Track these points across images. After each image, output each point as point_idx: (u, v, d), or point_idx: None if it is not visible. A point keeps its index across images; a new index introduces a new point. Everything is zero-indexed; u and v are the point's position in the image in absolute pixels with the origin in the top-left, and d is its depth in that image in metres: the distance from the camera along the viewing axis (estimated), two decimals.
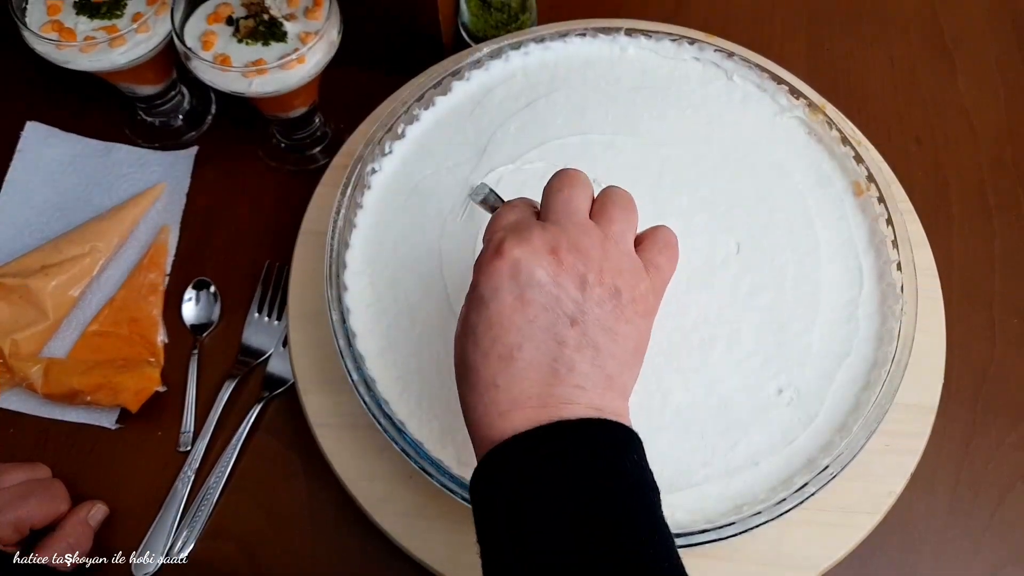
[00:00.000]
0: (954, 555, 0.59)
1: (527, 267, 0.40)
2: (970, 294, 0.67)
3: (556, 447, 0.38)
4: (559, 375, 0.39)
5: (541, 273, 0.40)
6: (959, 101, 0.76)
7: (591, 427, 0.39)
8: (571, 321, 0.40)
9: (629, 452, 0.39)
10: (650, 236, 0.46)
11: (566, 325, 0.40)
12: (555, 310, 0.40)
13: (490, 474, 0.39)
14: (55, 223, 0.69)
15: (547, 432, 0.38)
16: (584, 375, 0.40)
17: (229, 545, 0.58)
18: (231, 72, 0.59)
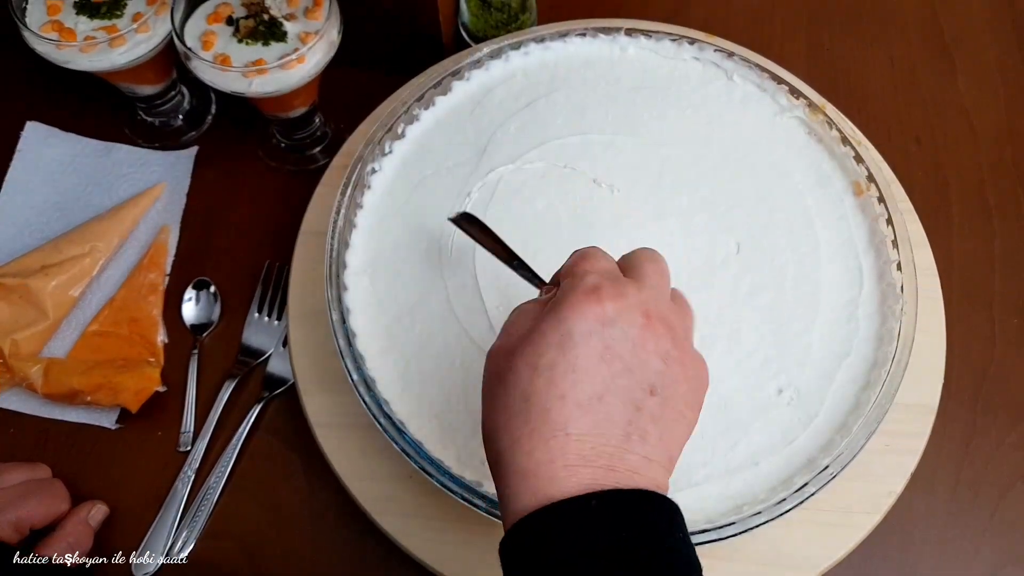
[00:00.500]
0: (954, 555, 0.59)
1: (623, 320, 0.39)
2: (970, 294, 0.67)
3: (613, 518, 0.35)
4: (631, 440, 0.37)
5: (634, 332, 0.39)
6: (959, 101, 0.76)
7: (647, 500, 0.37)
8: (651, 390, 0.38)
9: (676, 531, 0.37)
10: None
11: (646, 392, 0.38)
12: (639, 373, 0.38)
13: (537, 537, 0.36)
14: (55, 223, 0.69)
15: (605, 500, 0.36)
16: (653, 448, 0.38)
17: (229, 545, 0.58)
18: (231, 72, 0.59)
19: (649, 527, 0.36)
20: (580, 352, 0.38)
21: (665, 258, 0.45)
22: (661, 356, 0.39)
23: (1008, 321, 0.66)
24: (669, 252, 0.60)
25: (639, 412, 0.38)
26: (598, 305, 0.39)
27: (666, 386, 0.39)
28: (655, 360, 0.39)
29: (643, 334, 0.39)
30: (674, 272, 0.59)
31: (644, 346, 0.39)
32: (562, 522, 0.36)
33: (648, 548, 0.35)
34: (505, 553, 0.37)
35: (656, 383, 0.39)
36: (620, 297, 0.39)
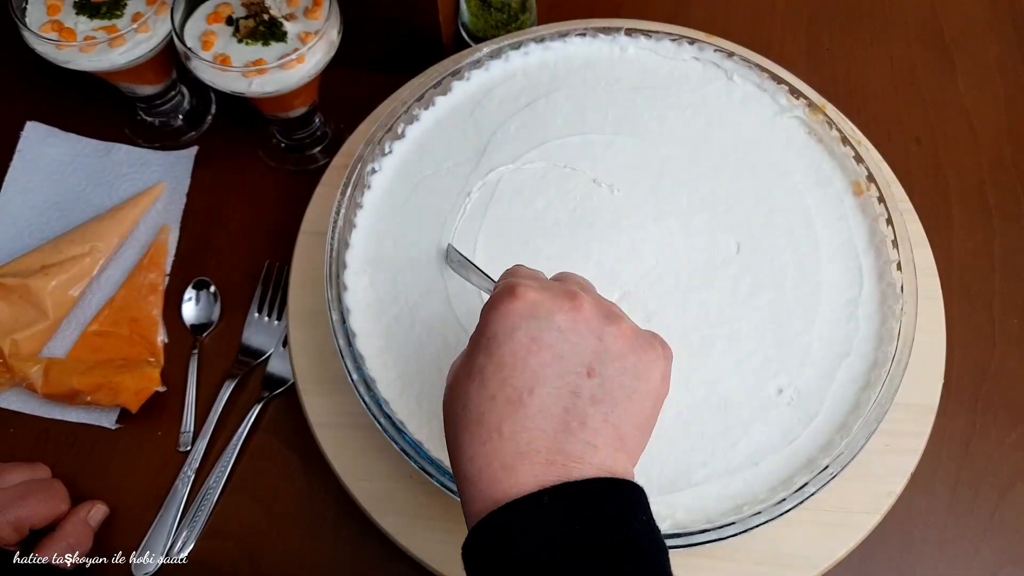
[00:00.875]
0: (954, 555, 0.59)
1: (545, 309, 0.38)
2: (970, 294, 0.67)
3: (565, 512, 0.35)
4: (570, 428, 0.37)
5: (560, 317, 0.38)
6: (959, 101, 0.76)
7: (601, 488, 0.36)
8: (587, 372, 0.38)
9: (639, 513, 0.36)
10: None
11: (582, 375, 0.38)
12: (572, 358, 0.38)
13: (493, 540, 0.35)
14: (55, 223, 0.69)
15: (556, 495, 0.35)
16: (596, 431, 0.37)
17: (229, 545, 0.58)
18: (231, 72, 0.59)
19: (604, 517, 0.35)
20: (505, 350, 0.38)
21: (666, 257, 0.45)
22: (596, 335, 0.39)
23: (1008, 321, 0.66)
24: (669, 252, 0.60)
25: (576, 397, 0.37)
26: (516, 300, 0.39)
27: (605, 363, 0.38)
28: (590, 340, 0.38)
29: (571, 317, 0.39)
30: (674, 272, 0.60)
31: (575, 329, 0.38)
32: (511, 523, 0.35)
33: (605, 539, 0.34)
34: (465, 560, 0.37)
35: (593, 363, 0.38)
36: (541, 289, 0.40)
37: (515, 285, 0.40)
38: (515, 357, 0.38)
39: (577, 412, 0.37)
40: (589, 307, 0.39)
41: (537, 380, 0.37)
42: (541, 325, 0.38)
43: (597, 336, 0.39)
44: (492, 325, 0.39)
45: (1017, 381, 0.64)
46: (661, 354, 0.41)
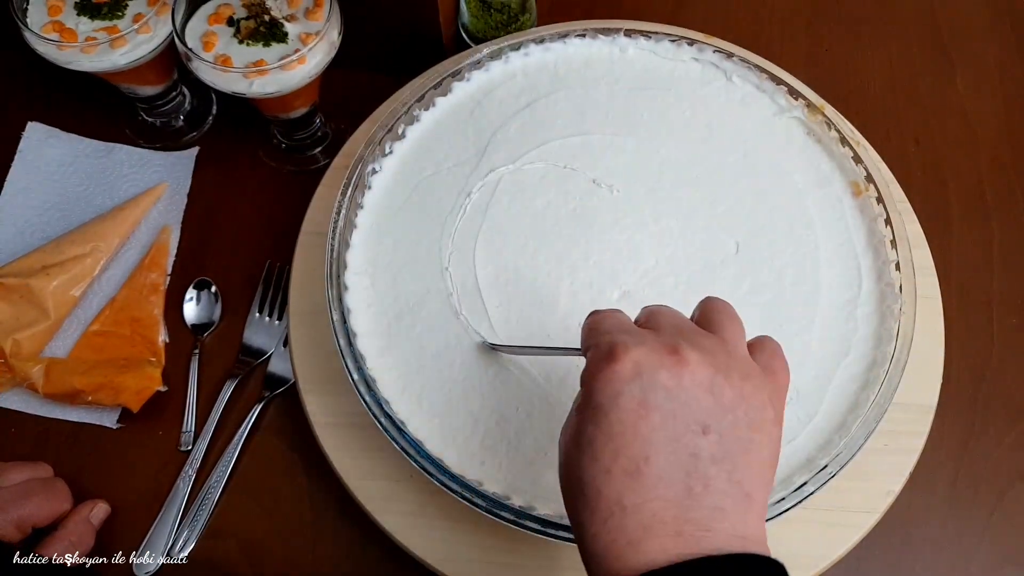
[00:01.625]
0: (953, 554, 0.59)
1: (649, 368, 0.36)
2: (969, 293, 0.67)
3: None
4: (694, 494, 0.34)
5: (665, 375, 0.36)
6: (958, 102, 0.77)
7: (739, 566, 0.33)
8: (703, 429, 0.35)
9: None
10: (758, 344, 0.41)
11: (697, 434, 0.35)
12: (684, 417, 0.35)
13: None
14: (56, 223, 0.69)
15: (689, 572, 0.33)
16: (722, 493, 0.35)
17: (230, 544, 0.59)
18: (232, 73, 0.59)
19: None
20: (613, 419, 0.36)
21: (665, 257, 0.43)
22: (705, 388, 0.36)
23: (1007, 320, 0.66)
24: (669, 252, 0.61)
25: (695, 458, 0.35)
26: (616, 363, 0.36)
27: (720, 418, 0.36)
28: (699, 395, 0.36)
29: (676, 372, 0.36)
30: (673, 272, 0.60)
31: (681, 386, 0.36)
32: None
33: None
34: None
35: (707, 420, 0.36)
36: (639, 344, 0.37)
37: (613, 346, 0.37)
38: (624, 425, 0.35)
39: (699, 475, 0.35)
40: (694, 360, 0.36)
41: (651, 447, 0.35)
42: (646, 386, 0.36)
43: (706, 390, 0.36)
44: (596, 394, 0.37)
45: (1016, 381, 0.64)
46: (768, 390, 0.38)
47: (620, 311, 0.42)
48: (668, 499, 0.34)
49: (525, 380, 0.56)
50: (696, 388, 0.36)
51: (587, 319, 0.42)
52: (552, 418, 0.55)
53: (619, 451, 0.35)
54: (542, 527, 0.50)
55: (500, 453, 0.54)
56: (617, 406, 0.36)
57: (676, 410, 0.36)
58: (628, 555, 0.34)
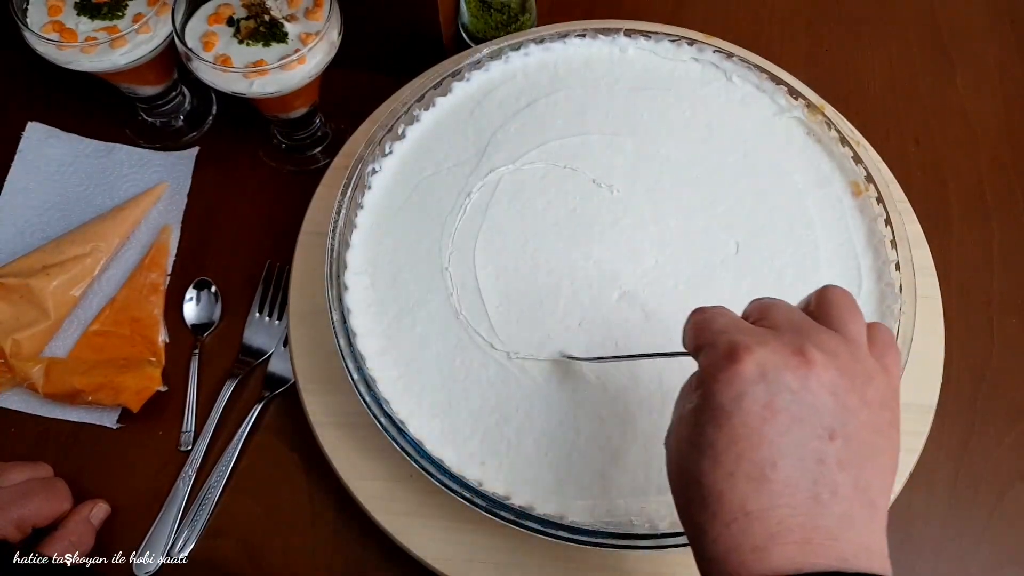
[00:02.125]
0: (953, 554, 0.59)
1: (773, 369, 0.34)
2: (968, 293, 0.67)
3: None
4: (821, 501, 0.33)
5: (790, 377, 0.34)
6: (958, 102, 0.77)
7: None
8: (829, 434, 0.34)
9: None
10: (871, 335, 0.40)
11: (824, 439, 0.34)
12: (811, 421, 0.34)
13: None
14: (56, 223, 0.69)
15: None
16: (849, 500, 0.34)
17: (230, 544, 0.59)
18: (232, 73, 0.59)
19: None
20: (736, 421, 0.34)
21: (665, 257, 0.43)
22: (830, 391, 0.35)
23: (1006, 320, 0.66)
24: (668, 252, 0.61)
25: (822, 464, 0.34)
26: (739, 364, 0.35)
27: (846, 422, 0.35)
28: (825, 398, 0.35)
29: (801, 375, 0.35)
30: (673, 272, 0.60)
31: (807, 388, 0.35)
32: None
33: None
34: None
35: (833, 424, 0.34)
36: (761, 344, 0.35)
37: (734, 345, 0.36)
38: (748, 428, 0.34)
39: (826, 482, 0.34)
40: (820, 361, 0.35)
41: (778, 451, 0.34)
42: (771, 389, 0.34)
43: (831, 393, 0.35)
44: (717, 395, 0.35)
45: (1015, 380, 0.64)
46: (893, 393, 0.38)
47: (727, 309, 0.40)
48: (795, 506, 0.33)
49: (525, 380, 0.56)
50: (822, 391, 0.35)
51: (692, 317, 0.40)
52: (552, 418, 0.55)
53: (743, 455, 0.34)
54: (542, 527, 0.50)
55: (500, 453, 0.54)
56: (741, 408, 0.34)
57: (802, 414, 0.34)
58: (752, 562, 0.33)
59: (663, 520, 0.52)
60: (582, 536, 0.50)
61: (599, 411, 0.55)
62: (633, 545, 0.50)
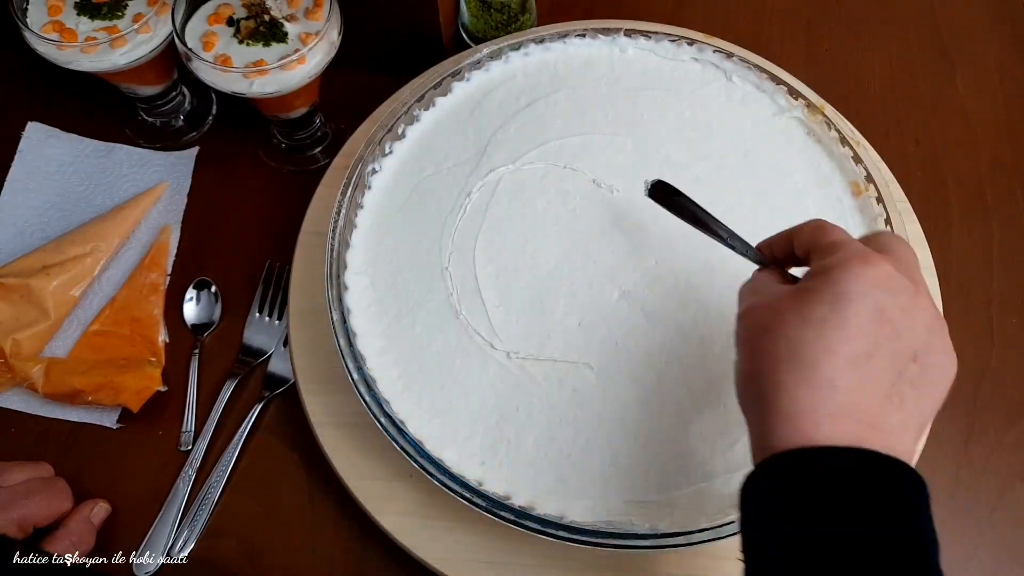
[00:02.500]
0: (953, 554, 0.59)
1: (896, 286, 0.39)
2: (968, 294, 0.67)
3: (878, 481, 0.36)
4: (892, 403, 0.38)
5: (905, 298, 0.39)
6: (958, 102, 0.77)
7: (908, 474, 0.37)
8: (914, 357, 0.39)
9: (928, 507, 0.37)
10: None
11: (909, 358, 0.39)
12: (907, 338, 0.39)
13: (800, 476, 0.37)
14: (56, 223, 0.69)
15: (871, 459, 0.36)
16: (909, 414, 0.39)
17: (230, 544, 0.59)
18: (232, 73, 0.59)
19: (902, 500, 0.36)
20: (852, 311, 0.38)
21: (665, 257, 0.44)
22: (926, 325, 0.40)
23: (1006, 320, 0.66)
24: (668, 252, 0.61)
25: (901, 376, 0.39)
26: (871, 267, 0.39)
27: (928, 355, 0.40)
28: (921, 328, 0.40)
29: (913, 301, 0.40)
30: (673, 272, 0.60)
31: (912, 313, 0.39)
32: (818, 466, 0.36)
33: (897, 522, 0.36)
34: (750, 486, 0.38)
35: (919, 350, 0.39)
36: (890, 260, 0.40)
37: (868, 252, 0.40)
38: (860, 319, 0.38)
39: (899, 390, 0.38)
40: (927, 296, 0.41)
41: (877, 348, 0.38)
42: (888, 300, 0.39)
43: (927, 327, 0.40)
44: (844, 283, 0.39)
45: (1015, 380, 0.64)
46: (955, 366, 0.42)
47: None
48: (873, 397, 0.38)
49: (525, 380, 0.56)
50: (921, 320, 0.40)
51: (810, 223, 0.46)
52: (552, 418, 0.55)
53: (849, 339, 0.38)
54: (542, 527, 0.50)
55: (500, 453, 0.54)
56: (861, 302, 0.39)
57: (903, 330, 0.39)
58: (825, 424, 0.37)
59: (663, 520, 0.52)
60: (582, 536, 0.50)
61: (599, 411, 0.55)
62: (633, 545, 0.50)
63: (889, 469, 0.37)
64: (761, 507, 0.38)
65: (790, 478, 0.37)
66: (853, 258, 0.40)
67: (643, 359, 0.57)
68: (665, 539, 0.50)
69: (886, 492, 0.36)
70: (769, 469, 0.38)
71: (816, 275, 0.41)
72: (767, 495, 0.38)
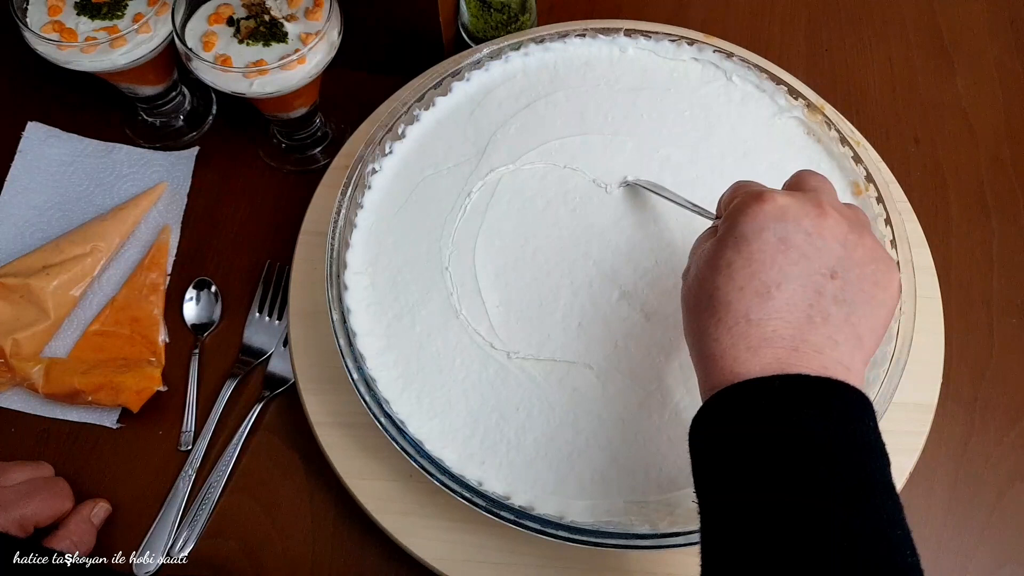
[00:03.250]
0: (953, 554, 0.59)
1: (794, 213, 0.41)
2: (968, 293, 0.67)
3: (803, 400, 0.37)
4: (814, 323, 0.39)
5: (808, 222, 0.41)
6: (957, 101, 0.77)
7: (838, 389, 0.38)
8: (831, 274, 0.40)
9: (867, 419, 0.38)
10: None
11: (826, 276, 0.40)
12: (817, 259, 0.40)
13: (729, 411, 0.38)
14: (56, 223, 0.69)
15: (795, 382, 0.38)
16: (838, 328, 0.39)
17: (229, 544, 0.59)
18: (232, 73, 0.59)
19: (833, 412, 0.37)
20: (754, 247, 0.40)
21: (665, 257, 0.45)
22: (839, 241, 0.41)
23: (1006, 320, 0.66)
24: (668, 252, 0.61)
25: (820, 295, 0.40)
26: (765, 203, 0.41)
27: (848, 268, 0.40)
28: (833, 245, 0.41)
29: (817, 222, 0.41)
30: (673, 272, 0.60)
31: (820, 234, 0.41)
32: (744, 400, 0.38)
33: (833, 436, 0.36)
34: (693, 434, 0.40)
35: (836, 267, 0.40)
36: (787, 196, 0.42)
37: (763, 191, 0.42)
38: (763, 254, 0.40)
39: (820, 309, 0.39)
40: (834, 215, 0.41)
41: (785, 276, 0.40)
42: (789, 228, 0.40)
43: (840, 243, 0.41)
44: (741, 225, 0.41)
45: (1015, 380, 0.64)
46: (897, 269, 0.43)
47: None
48: (789, 321, 0.39)
49: (525, 380, 0.56)
50: (832, 239, 0.41)
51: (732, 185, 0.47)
52: (552, 418, 0.55)
53: (755, 274, 0.40)
54: (542, 527, 0.50)
55: (500, 453, 0.54)
56: (760, 238, 0.41)
57: (811, 253, 0.40)
58: (746, 358, 0.39)
59: (663, 520, 0.52)
60: (582, 536, 0.50)
61: (599, 411, 0.55)
62: (633, 545, 0.50)
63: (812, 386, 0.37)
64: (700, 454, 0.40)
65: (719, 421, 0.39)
66: (747, 199, 0.42)
67: (643, 359, 0.57)
68: (665, 539, 0.50)
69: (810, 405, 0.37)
70: (703, 418, 0.40)
71: (723, 223, 0.43)
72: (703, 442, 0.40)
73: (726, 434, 0.38)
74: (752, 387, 0.38)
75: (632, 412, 0.55)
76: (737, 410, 0.38)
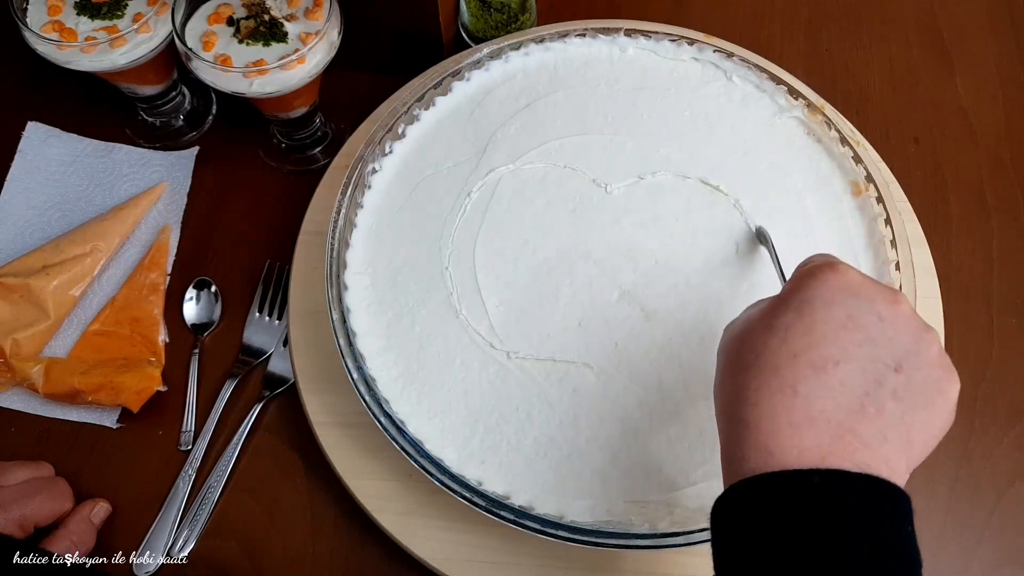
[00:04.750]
0: (952, 554, 0.59)
1: (868, 293, 0.38)
2: (968, 293, 0.67)
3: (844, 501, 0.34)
4: (867, 413, 0.36)
5: (882, 307, 0.38)
6: (958, 101, 0.77)
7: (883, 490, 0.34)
8: (896, 367, 0.37)
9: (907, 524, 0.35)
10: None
11: (890, 368, 0.36)
12: (884, 347, 0.37)
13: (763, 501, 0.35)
14: (56, 223, 0.69)
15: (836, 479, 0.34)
16: (891, 425, 0.36)
17: (230, 544, 0.59)
18: (232, 72, 0.59)
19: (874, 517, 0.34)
20: (819, 317, 0.37)
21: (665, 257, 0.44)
22: (912, 336, 0.37)
23: (1006, 320, 0.66)
24: (668, 253, 0.61)
25: (879, 385, 0.36)
26: (839, 275, 0.38)
27: (916, 367, 0.37)
28: (904, 338, 0.37)
29: (892, 309, 0.38)
30: (673, 272, 0.60)
31: (892, 322, 0.37)
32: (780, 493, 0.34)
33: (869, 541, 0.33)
34: (719, 511, 0.37)
35: (903, 361, 0.37)
36: (862, 275, 0.39)
37: (836, 262, 0.40)
38: (827, 326, 0.37)
39: (877, 400, 0.36)
40: (908, 307, 0.38)
41: (845, 355, 0.36)
42: (860, 306, 0.37)
43: (913, 337, 0.37)
44: (809, 290, 0.38)
45: (1015, 380, 0.64)
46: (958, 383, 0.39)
47: None
48: (840, 404, 0.35)
49: (525, 380, 0.56)
50: (905, 331, 0.37)
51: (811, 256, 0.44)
52: (552, 418, 0.55)
53: (813, 345, 0.36)
54: (542, 527, 0.50)
55: (500, 453, 0.54)
56: (827, 310, 0.37)
57: (879, 339, 0.37)
58: (786, 435, 0.35)
59: (663, 520, 0.52)
60: (582, 536, 0.50)
61: (599, 411, 0.55)
62: (633, 545, 0.50)
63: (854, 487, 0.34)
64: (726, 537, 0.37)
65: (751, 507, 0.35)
66: (822, 265, 0.39)
67: (643, 359, 0.57)
68: (665, 539, 0.50)
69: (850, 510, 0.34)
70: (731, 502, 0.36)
71: (789, 283, 0.40)
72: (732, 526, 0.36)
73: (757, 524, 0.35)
74: (790, 479, 0.34)
75: (632, 412, 0.55)
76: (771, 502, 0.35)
